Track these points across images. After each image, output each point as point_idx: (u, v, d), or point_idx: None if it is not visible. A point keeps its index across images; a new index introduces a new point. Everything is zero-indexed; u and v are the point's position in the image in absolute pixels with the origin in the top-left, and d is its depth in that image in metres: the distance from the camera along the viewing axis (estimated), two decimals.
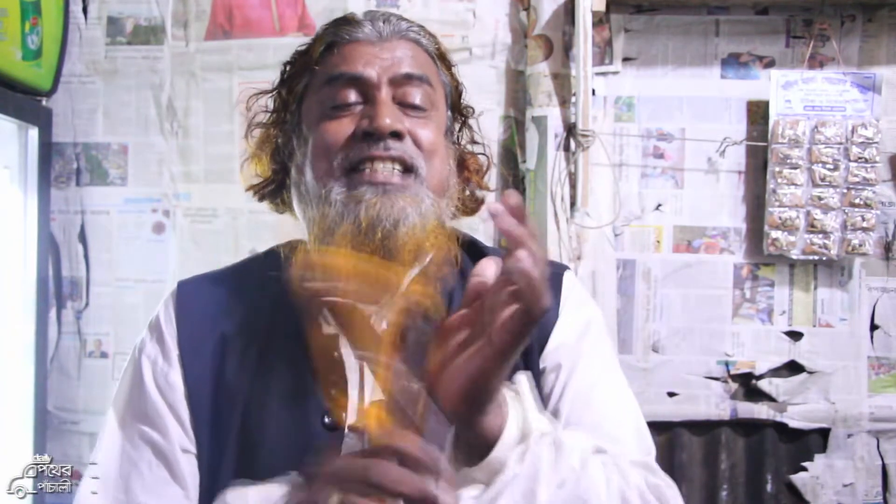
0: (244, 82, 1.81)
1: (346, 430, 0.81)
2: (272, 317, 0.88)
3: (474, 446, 0.70)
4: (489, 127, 1.82)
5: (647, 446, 0.88)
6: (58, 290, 1.82)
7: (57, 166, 1.83)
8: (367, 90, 0.86)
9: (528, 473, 0.69)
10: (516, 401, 0.72)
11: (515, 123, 1.83)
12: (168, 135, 1.84)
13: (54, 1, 1.74)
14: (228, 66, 1.83)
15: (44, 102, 1.79)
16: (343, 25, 0.90)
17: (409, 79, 0.86)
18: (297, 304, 0.84)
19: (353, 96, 0.86)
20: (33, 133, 1.71)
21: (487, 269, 0.66)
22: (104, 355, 1.81)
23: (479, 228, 1.81)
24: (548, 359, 0.89)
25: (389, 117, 0.83)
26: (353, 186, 0.82)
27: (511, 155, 1.83)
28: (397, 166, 0.83)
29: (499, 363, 0.65)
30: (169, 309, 0.91)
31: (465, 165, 0.97)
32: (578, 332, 0.91)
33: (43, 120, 1.75)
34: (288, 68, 0.94)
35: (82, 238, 1.83)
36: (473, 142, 1.00)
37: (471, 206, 0.99)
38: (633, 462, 0.81)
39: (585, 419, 0.85)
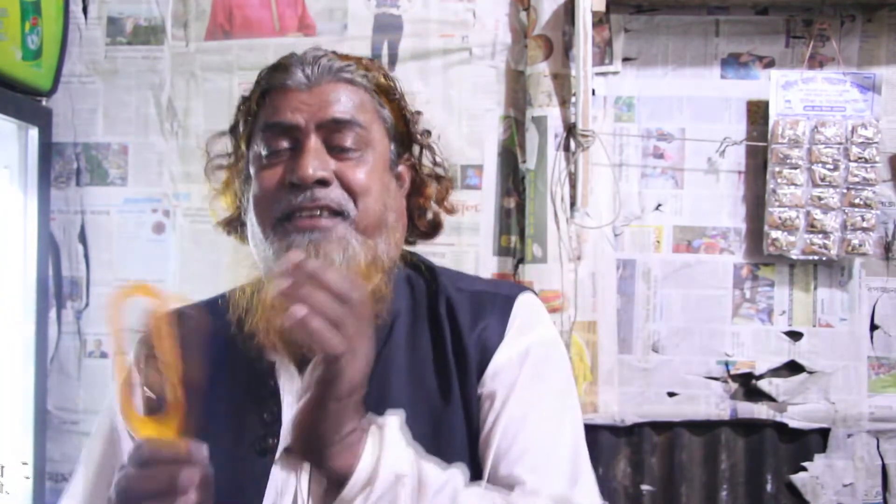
0: (244, 82, 1.81)
1: (277, 455, 0.83)
2: (224, 348, 0.90)
3: (330, 484, 0.72)
4: (489, 127, 1.82)
5: (574, 477, 0.85)
6: (58, 290, 1.83)
7: (57, 166, 1.83)
8: (297, 137, 0.87)
9: None
10: (374, 442, 0.73)
11: (515, 123, 1.83)
12: (168, 135, 1.84)
13: (54, 1, 1.74)
14: (228, 66, 1.83)
15: (44, 102, 1.79)
16: (275, 72, 0.91)
17: (336, 124, 0.87)
18: (239, 337, 0.87)
19: (284, 143, 0.87)
20: (33, 133, 1.71)
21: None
22: (104, 355, 1.81)
23: (480, 227, 1.81)
24: (486, 384, 0.88)
25: (312, 167, 0.84)
26: (283, 236, 0.84)
27: (511, 155, 1.83)
28: (325, 214, 0.85)
29: (318, 412, 0.68)
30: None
31: (422, 192, 0.98)
32: (519, 359, 0.89)
33: (43, 120, 1.75)
34: (238, 112, 0.96)
35: (82, 238, 1.83)
36: (436, 164, 0.99)
37: (428, 229, 1.00)
38: (551, 496, 0.81)
39: (514, 449, 0.84)
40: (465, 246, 1.80)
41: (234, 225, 0.98)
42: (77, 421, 1.80)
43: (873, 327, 1.80)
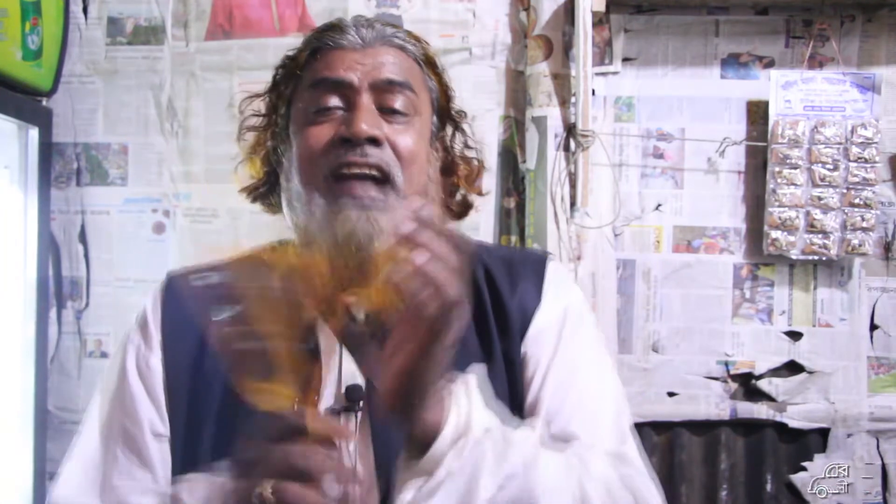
0: (244, 82, 1.81)
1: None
2: (256, 307, 0.89)
3: (417, 440, 0.72)
4: (489, 127, 1.82)
5: (624, 433, 0.90)
6: (58, 290, 1.83)
7: (57, 166, 1.83)
8: (349, 95, 0.87)
9: (468, 468, 0.71)
10: (462, 396, 0.74)
11: (515, 123, 1.83)
12: (168, 135, 1.84)
13: (54, 1, 1.74)
14: (228, 66, 1.83)
15: (44, 102, 1.79)
16: (328, 32, 0.91)
17: (390, 85, 0.88)
18: (278, 294, 0.86)
19: (334, 101, 0.87)
20: (33, 133, 1.71)
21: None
22: (104, 355, 1.81)
23: (480, 227, 1.81)
24: (528, 345, 0.90)
25: (367, 123, 0.84)
26: (333, 199, 0.84)
27: (511, 155, 1.83)
28: (374, 173, 0.85)
29: (425, 362, 0.68)
30: (156, 298, 0.93)
31: (454, 171, 0.98)
32: (558, 321, 0.92)
33: (43, 120, 1.75)
34: (278, 73, 0.96)
35: (82, 238, 1.83)
36: (467, 146, 1.00)
37: (459, 210, 1.01)
38: (607, 452, 0.84)
39: (565, 408, 0.87)
40: None
41: (260, 191, 0.98)
42: (77, 421, 1.78)
43: (873, 327, 1.80)
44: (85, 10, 1.85)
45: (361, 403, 0.83)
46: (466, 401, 0.74)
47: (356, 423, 0.83)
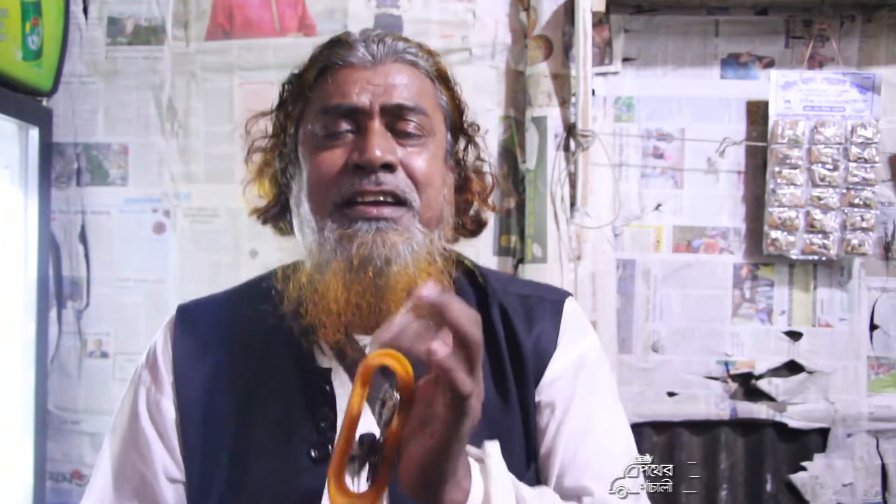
0: (244, 82, 1.82)
1: None
2: (267, 346, 0.87)
3: None
4: (489, 127, 1.82)
5: (639, 481, 0.88)
6: (58, 290, 1.83)
7: (57, 166, 1.83)
8: (360, 119, 0.84)
9: None
10: (481, 472, 0.72)
11: (515, 123, 1.83)
12: (168, 135, 1.84)
13: (55, 1, 1.74)
14: (228, 66, 1.83)
15: (44, 102, 1.80)
16: (336, 48, 0.87)
17: (401, 109, 0.84)
18: (291, 335, 0.84)
19: (345, 125, 0.84)
20: (34, 133, 1.71)
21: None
22: (104, 355, 1.82)
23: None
24: (543, 392, 0.88)
25: (380, 149, 0.81)
26: (345, 223, 0.81)
27: (511, 155, 1.83)
28: (389, 199, 0.82)
29: (443, 449, 0.65)
30: (167, 335, 0.91)
31: (468, 188, 0.95)
32: (574, 368, 0.90)
33: (43, 120, 1.75)
34: (285, 90, 0.92)
35: (83, 238, 1.84)
36: (479, 159, 0.97)
37: (473, 227, 0.98)
38: None
39: (578, 460, 0.85)
40: (465, 246, 1.80)
41: (270, 213, 0.94)
42: (77, 421, 1.80)
43: (873, 327, 1.80)
44: (85, 10, 1.85)
45: (376, 457, 0.80)
46: (485, 480, 0.71)
47: (369, 473, 0.80)
